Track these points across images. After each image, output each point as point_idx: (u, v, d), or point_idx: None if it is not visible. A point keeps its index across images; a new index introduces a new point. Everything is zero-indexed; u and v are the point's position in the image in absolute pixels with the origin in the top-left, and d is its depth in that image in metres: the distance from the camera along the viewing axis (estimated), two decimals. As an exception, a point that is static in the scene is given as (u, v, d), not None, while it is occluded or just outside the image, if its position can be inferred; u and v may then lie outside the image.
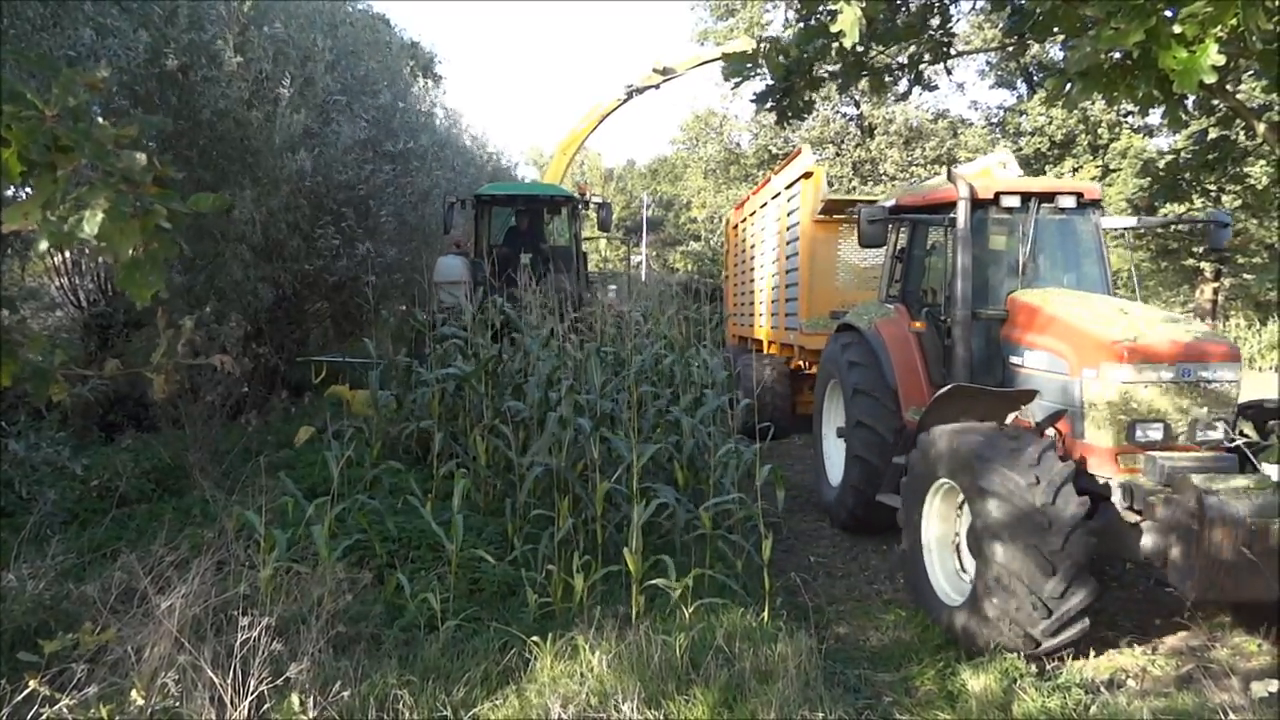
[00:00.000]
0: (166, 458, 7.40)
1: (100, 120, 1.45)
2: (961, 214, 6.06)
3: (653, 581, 4.88)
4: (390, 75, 13.28)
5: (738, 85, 3.06)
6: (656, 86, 15.29)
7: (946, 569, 5.35)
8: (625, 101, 15.20)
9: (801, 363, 11.26)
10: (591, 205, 12.83)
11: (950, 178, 6.25)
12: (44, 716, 2.63)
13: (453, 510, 5.09)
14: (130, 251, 1.37)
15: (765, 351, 12.44)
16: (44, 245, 1.42)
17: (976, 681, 4.45)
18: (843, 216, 10.39)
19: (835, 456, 7.76)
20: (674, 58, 15.36)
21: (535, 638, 4.32)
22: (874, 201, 9.20)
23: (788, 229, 11.31)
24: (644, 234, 17.03)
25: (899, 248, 7.41)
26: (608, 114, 15.12)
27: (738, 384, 7.73)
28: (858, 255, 10.59)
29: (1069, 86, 1.95)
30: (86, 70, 1.45)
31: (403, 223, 12.93)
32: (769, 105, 3.01)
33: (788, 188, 11.27)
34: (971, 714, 4.17)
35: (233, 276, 9.19)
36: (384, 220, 11.96)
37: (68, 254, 9.55)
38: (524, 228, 12.81)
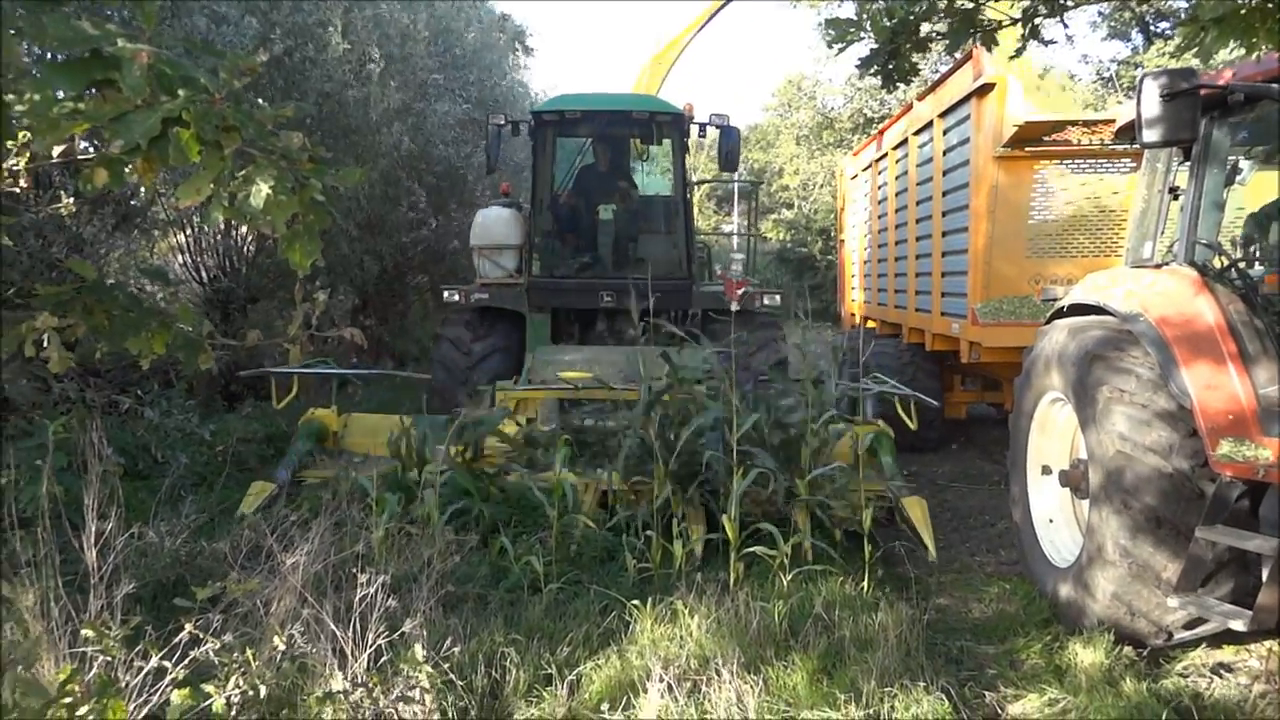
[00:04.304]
0: (283, 425, 7.80)
1: (260, 102, 1.58)
2: None
3: (751, 549, 4.92)
4: (485, 50, 13.48)
5: (841, 50, 3.00)
6: None
7: None
8: None
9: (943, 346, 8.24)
10: (709, 129, 8.71)
11: None
12: (191, 655, 2.86)
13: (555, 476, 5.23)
14: (286, 224, 1.50)
15: (903, 337, 9.43)
16: (218, 216, 1.55)
17: (1086, 656, 4.32)
18: (1042, 150, 7.15)
19: (1049, 510, 5.15)
20: None
21: (635, 601, 4.41)
22: (1092, 124, 6.88)
23: (945, 174, 8.04)
24: (735, 202, 16.76)
25: (1169, 179, 4.68)
26: (716, 10, 11.93)
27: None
28: (1062, 205, 7.26)
29: (1203, 35, 1.85)
30: (246, 56, 1.57)
31: (499, 195, 13.18)
32: (874, 70, 2.94)
33: (944, 115, 7.99)
34: (1080, 689, 4.07)
35: (340, 250, 9.59)
36: (482, 193, 12.22)
37: (190, 232, 10.08)
38: (604, 164, 8.83)
